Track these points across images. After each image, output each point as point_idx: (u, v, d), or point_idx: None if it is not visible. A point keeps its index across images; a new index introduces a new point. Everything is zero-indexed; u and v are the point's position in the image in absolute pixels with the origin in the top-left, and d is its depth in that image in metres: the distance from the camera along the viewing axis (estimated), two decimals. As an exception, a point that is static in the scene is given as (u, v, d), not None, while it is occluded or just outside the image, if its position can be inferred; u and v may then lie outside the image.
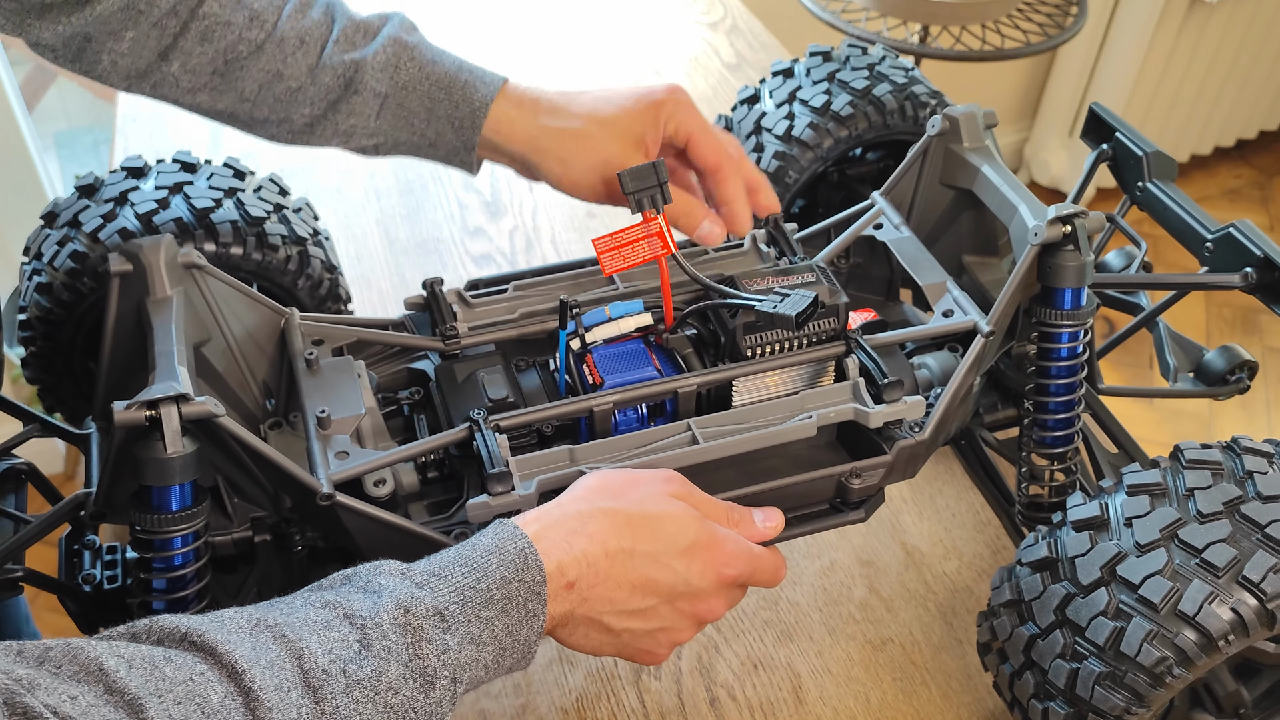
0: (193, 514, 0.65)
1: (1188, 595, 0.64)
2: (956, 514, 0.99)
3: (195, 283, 0.75)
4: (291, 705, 0.51)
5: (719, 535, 0.69)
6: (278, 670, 0.52)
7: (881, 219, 0.92)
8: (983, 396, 0.93)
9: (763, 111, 1.04)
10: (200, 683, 0.49)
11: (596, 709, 0.85)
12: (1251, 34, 2.70)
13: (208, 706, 0.49)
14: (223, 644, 0.51)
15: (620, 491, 0.68)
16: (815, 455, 0.80)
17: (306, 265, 0.93)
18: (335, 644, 0.54)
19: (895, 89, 1.01)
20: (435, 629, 0.57)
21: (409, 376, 0.84)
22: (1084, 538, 0.70)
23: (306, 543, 0.76)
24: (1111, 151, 0.94)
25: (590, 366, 0.79)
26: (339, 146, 0.86)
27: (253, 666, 0.51)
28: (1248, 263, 0.83)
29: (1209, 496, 0.67)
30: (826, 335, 0.79)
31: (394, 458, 0.72)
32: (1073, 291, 0.80)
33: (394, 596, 0.57)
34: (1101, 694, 0.66)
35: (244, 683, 0.50)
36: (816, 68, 1.04)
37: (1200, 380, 0.90)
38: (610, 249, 0.78)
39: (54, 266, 0.86)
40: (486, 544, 0.62)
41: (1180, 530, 0.66)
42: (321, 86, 0.82)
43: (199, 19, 0.79)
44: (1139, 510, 0.68)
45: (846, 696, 0.86)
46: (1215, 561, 0.64)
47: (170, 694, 0.48)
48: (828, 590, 0.93)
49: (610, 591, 0.65)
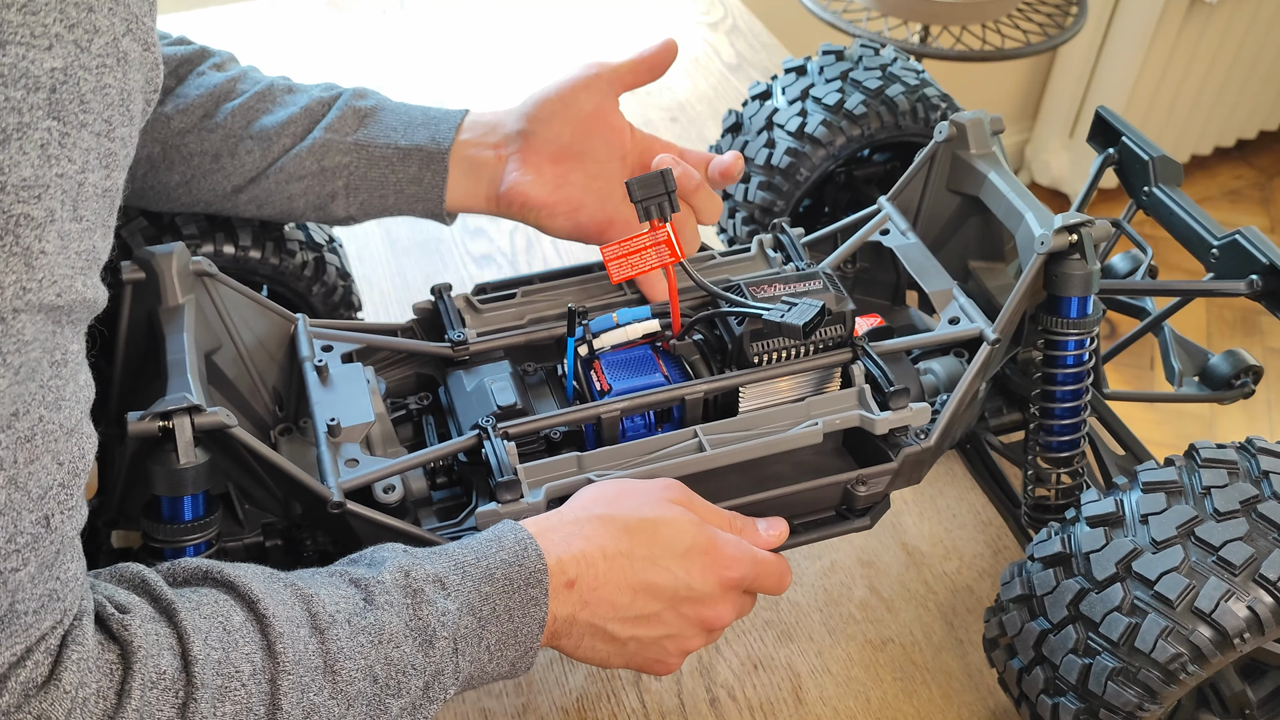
0: (205, 524, 0.66)
1: (1204, 592, 0.64)
2: (957, 514, 0.99)
3: (206, 290, 0.75)
4: (300, 639, 0.55)
5: (719, 539, 0.70)
6: (289, 607, 0.56)
7: (888, 224, 0.92)
8: (988, 401, 0.94)
9: (775, 108, 1.04)
10: (223, 604, 0.55)
11: (597, 709, 0.85)
12: (1251, 34, 2.71)
13: (230, 624, 0.54)
14: (240, 579, 0.56)
15: (616, 499, 0.69)
16: (821, 462, 0.80)
17: (322, 272, 0.93)
18: (342, 599, 0.58)
19: (907, 90, 1.01)
20: (435, 592, 0.60)
21: (418, 381, 0.85)
22: (1099, 533, 0.70)
23: (317, 548, 0.76)
24: (1118, 155, 0.95)
25: (598, 373, 0.79)
26: (303, 195, 0.87)
27: (267, 598, 0.56)
28: (1253, 270, 0.83)
29: (1226, 495, 0.67)
30: (833, 342, 0.80)
31: (403, 465, 0.72)
32: (1079, 300, 0.80)
33: (396, 562, 0.61)
34: (1114, 689, 0.67)
35: (259, 610, 0.55)
36: (830, 66, 1.04)
37: (1205, 384, 0.91)
38: (618, 257, 0.79)
39: None
40: (486, 535, 0.65)
41: (1197, 528, 0.67)
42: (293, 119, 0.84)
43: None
44: (1155, 507, 0.69)
45: (846, 696, 0.86)
46: (1232, 559, 0.64)
47: (199, 609, 0.54)
48: (828, 590, 0.93)
49: (611, 595, 0.66)
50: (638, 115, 1.51)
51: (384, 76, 1.59)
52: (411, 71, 1.60)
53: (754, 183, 1.03)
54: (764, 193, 1.02)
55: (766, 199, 1.02)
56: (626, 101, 0.94)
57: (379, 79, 1.59)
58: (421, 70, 1.60)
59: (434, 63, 1.63)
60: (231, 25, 1.71)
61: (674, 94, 1.57)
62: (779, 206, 1.02)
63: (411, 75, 1.60)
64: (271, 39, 1.68)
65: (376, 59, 1.63)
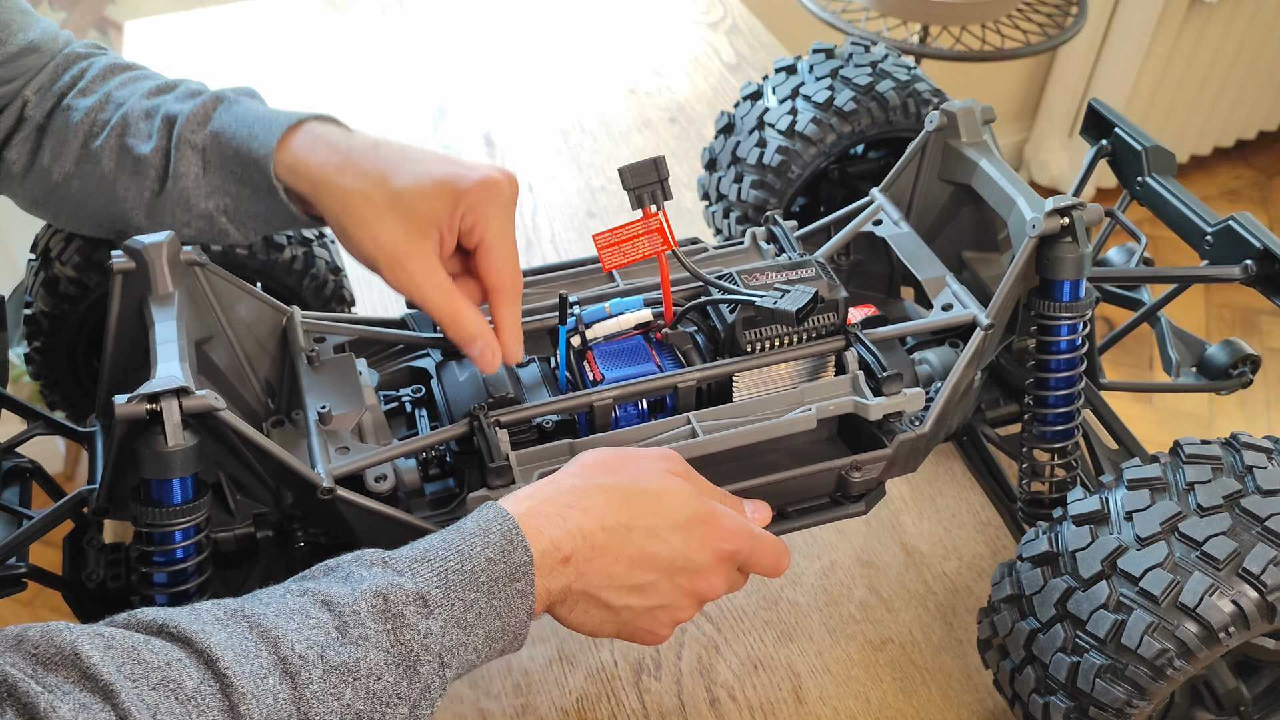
0: (194, 507, 0.66)
1: (1188, 587, 0.64)
2: (956, 514, 0.99)
3: (198, 280, 0.75)
4: (268, 691, 0.51)
5: (717, 511, 0.69)
6: (254, 658, 0.52)
7: (881, 215, 0.92)
8: (984, 392, 0.93)
9: (766, 107, 1.04)
10: (176, 668, 0.50)
11: (597, 709, 0.85)
12: (1251, 34, 2.70)
13: (182, 692, 0.49)
14: (198, 633, 0.51)
15: (617, 468, 0.68)
16: (816, 451, 0.80)
17: (311, 265, 0.93)
18: (312, 630, 0.54)
19: (898, 86, 1.01)
20: (417, 614, 0.57)
21: (410, 374, 0.84)
22: (1084, 532, 0.70)
23: (309, 539, 0.76)
24: (1111, 147, 0.95)
25: (590, 363, 0.79)
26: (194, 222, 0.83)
27: (227, 654, 0.51)
28: (1248, 255, 0.83)
29: (1209, 490, 0.67)
30: (826, 330, 0.79)
31: (395, 452, 0.72)
32: (1071, 283, 0.80)
33: (372, 584, 0.57)
34: (1103, 686, 0.66)
35: (219, 669, 0.50)
36: (820, 64, 1.04)
37: (1203, 374, 0.90)
38: (610, 244, 0.78)
39: (61, 262, 0.86)
40: (471, 527, 0.62)
41: (1180, 524, 0.66)
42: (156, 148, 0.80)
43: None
44: (1139, 504, 0.69)
45: (846, 696, 0.86)
46: (1215, 554, 0.64)
47: (145, 679, 0.49)
48: (828, 590, 0.93)
49: (608, 566, 0.65)
50: (637, 115, 1.52)
51: (384, 76, 1.60)
52: (411, 72, 1.61)
53: (747, 182, 1.03)
54: (757, 191, 1.02)
55: (760, 197, 1.02)
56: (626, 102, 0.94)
57: (379, 79, 1.59)
58: (421, 70, 1.60)
59: (434, 63, 1.63)
60: (231, 25, 1.72)
61: (673, 94, 1.57)
62: (772, 204, 1.02)
63: (411, 75, 1.60)
64: (271, 39, 1.68)
65: (376, 59, 1.64)
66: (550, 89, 1.59)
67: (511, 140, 1.49)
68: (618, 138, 1.49)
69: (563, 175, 1.43)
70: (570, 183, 1.42)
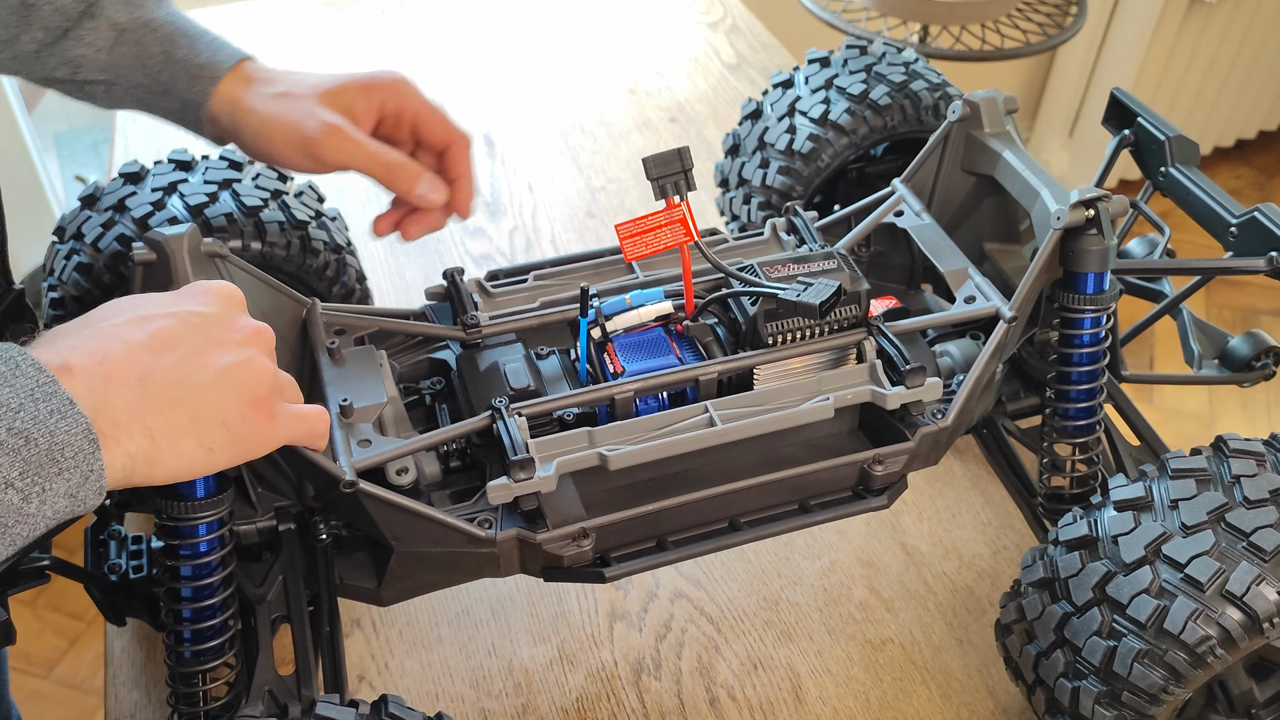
0: (217, 501, 0.65)
1: (1235, 576, 0.65)
2: (956, 514, 0.98)
3: (219, 272, 0.74)
4: None
5: None
6: None
7: (902, 206, 0.91)
8: (1005, 384, 0.93)
9: (797, 95, 1.04)
10: None
11: (597, 709, 0.84)
12: (1251, 34, 2.71)
13: None
14: None
15: None
16: (837, 444, 0.79)
17: (343, 273, 0.94)
18: None
19: (930, 87, 1.02)
20: None
21: (430, 366, 0.84)
22: (1127, 517, 0.70)
23: (330, 531, 0.75)
24: (1134, 137, 0.94)
25: (611, 355, 0.78)
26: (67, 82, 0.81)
27: None
28: (1272, 247, 0.83)
29: (1255, 484, 0.68)
30: (848, 322, 0.79)
31: (416, 445, 0.72)
32: (1095, 276, 0.79)
33: None
34: (1140, 671, 0.66)
35: None
36: (854, 59, 1.05)
37: (1225, 366, 0.90)
38: (633, 235, 0.78)
39: (97, 248, 0.87)
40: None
41: (1228, 514, 0.67)
42: (58, 6, 0.77)
43: None
44: (1185, 493, 0.69)
45: (846, 696, 0.85)
46: (1263, 545, 0.65)
47: None
48: (828, 590, 0.93)
49: (123, 355, 0.54)
50: (636, 115, 1.52)
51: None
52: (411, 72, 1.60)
53: (773, 168, 1.03)
54: (783, 177, 1.02)
55: (785, 184, 1.02)
56: (625, 102, 0.94)
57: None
58: (421, 70, 1.60)
59: (434, 63, 1.62)
60: (231, 25, 1.71)
61: (673, 94, 1.56)
62: (796, 192, 1.01)
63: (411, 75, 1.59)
64: (272, 39, 1.67)
65: (376, 59, 1.63)
66: (550, 89, 1.58)
67: (511, 140, 1.48)
68: (617, 138, 1.48)
69: (563, 175, 1.42)
70: (570, 183, 1.41)
